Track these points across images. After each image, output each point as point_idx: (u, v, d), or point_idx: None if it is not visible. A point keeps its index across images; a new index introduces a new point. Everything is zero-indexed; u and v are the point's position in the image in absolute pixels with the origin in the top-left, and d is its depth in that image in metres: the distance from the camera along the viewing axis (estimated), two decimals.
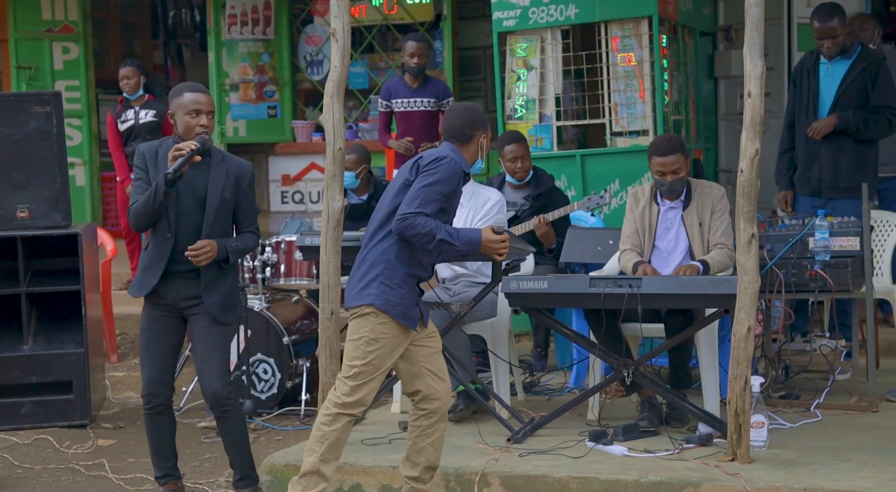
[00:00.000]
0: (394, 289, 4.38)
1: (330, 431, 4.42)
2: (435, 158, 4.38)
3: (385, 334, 4.37)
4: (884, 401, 5.82)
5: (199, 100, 4.78)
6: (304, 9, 9.71)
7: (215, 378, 4.78)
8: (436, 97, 7.78)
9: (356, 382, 4.39)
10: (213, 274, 4.82)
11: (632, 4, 7.13)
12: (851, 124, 6.36)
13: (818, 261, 5.68)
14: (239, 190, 4.85)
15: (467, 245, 4.38)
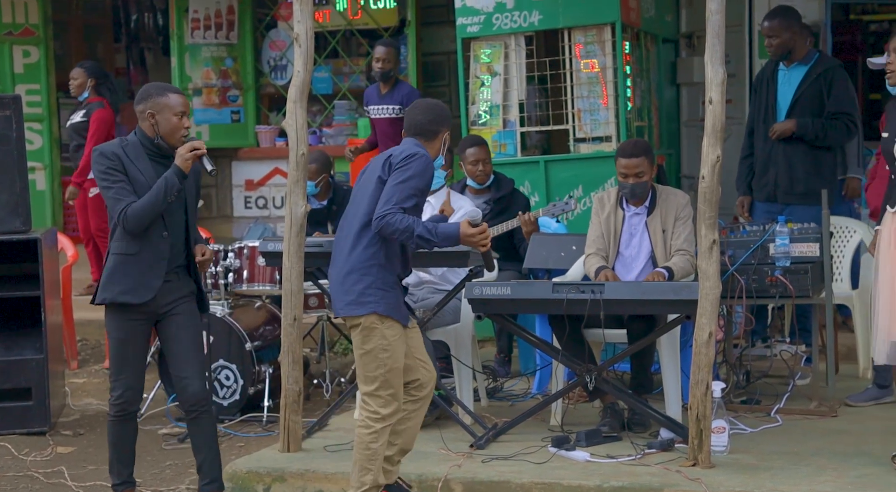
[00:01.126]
0: (389, 292, 4.45)
1: (379, 447, 4.46)
2: (407, 155, 4.41)
3: (394, 337, 4.45)
4: (843, 406, 5.86)
5: (183, 102, 4.81)
6: (267, 13, 9.68)
7: (197, 379, 4.78)
8: (400, 103, 7.81)
9: (387, 390, 4.44)
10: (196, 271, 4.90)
11: (595, 11, 7.16)
12: (810, 131, 6.42)
13: (778, 267, 5.73)
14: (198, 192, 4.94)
15: (446, 241, 4.40)
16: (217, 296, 6.51)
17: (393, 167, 4.41)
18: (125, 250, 4.72)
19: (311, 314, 6.79)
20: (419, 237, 4.32)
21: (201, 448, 4.86)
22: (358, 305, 4.41)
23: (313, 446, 5.55)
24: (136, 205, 4.64)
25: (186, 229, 4.82)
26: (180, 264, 4.81)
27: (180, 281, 4.82)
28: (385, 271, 4.44)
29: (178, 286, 4.81)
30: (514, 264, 6.63)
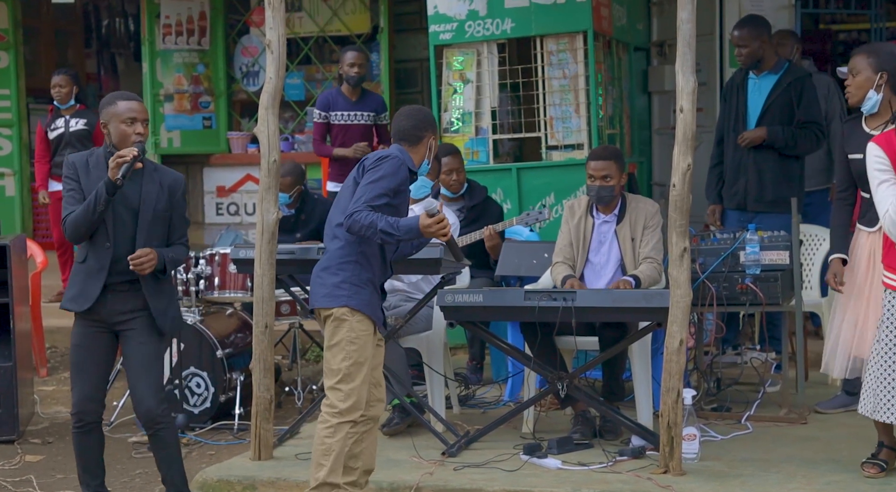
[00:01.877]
0: (363, 289, 4.48)
1: (334, 442, 4.43)
2: (379, 157, 4.47)
3: (364, 331, 4.45)
4: (813, 413, 5.90)
5: (134, 108, 4.72)
6: (240, 20, 9.65)
7: (149, 396, 4.71)
8: (374, 111, 7.80)
9: (348, 384, 4.43)
10: (153, 284, 4.76)
11: (567, 19, 7.18)
12: (780, 139, 6.46)
13: (749, 274, 5.76)
14: (172, 201, 4.80)
15: (408, 233, 4.40)
16: (188, 303, 6.48)
17: (366, 169, 4.49)
18: (78, 258, 4.79)
19: (282, 321, 6.76)
20: (382, 231, 4.34)
21: (163, 463, 4.83)
22: (330, 297, 4.46)
23: (285, 454, 5.53)
24: (72, 215, 4.64)
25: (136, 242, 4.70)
26: (129, 277, 4.71)
27: (130, 293, 4.73)
28: (360, 269, 4.48)
29: (130, 298, 4.72)
30: (486, 272, 6.63)
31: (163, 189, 4.76)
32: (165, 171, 4.88)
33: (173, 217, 4.81)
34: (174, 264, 4.86)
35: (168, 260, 4.76)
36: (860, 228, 4.99)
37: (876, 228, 4.85)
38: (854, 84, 4.90)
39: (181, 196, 4.86)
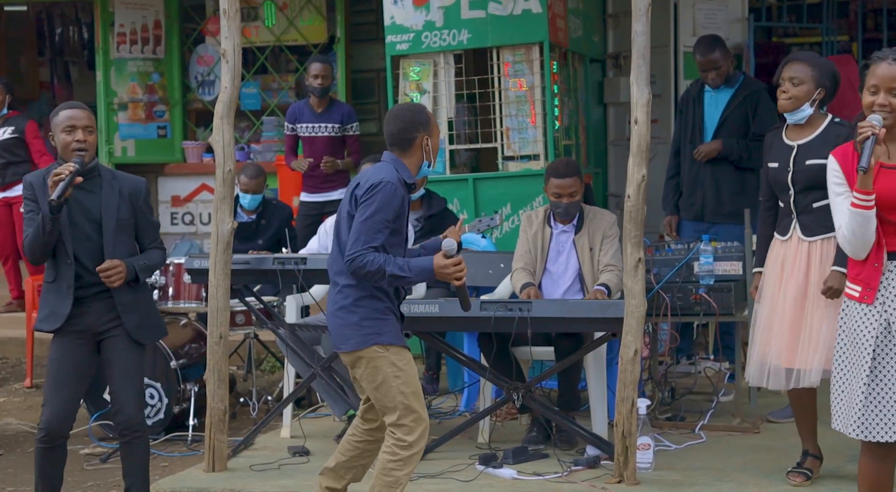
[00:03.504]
0: (385, 320, 4.25)
1: (402, 475, 4.22)
2: (370, 186, 4.18)
3: (403, 360, 4.24)
4: (765, 422, 5.95)
5: (74, 115, 4.62)
6: (195, 28, 9.61)
7: (131, 403, 4.65)
8: (340, 122, 7.79)
9: (409, 416, 4.20)
10: (127, 294, 4.69)
11: (523, 31, 7.21)
12: (735, 152, 6.53)
13: (703, 285, 5.80)
14: (135, 208, 4.73)
15: (420, 275, 4.21)
16: None
17: (358, 201, 4.21)
18: (46, 278, 4.70)
19: (237, 332, 6.73)
20: (391, 276, 4.13)
21: (131, 472, 4.76)
22: (356, 340, 4.23)
23: (239, 466, 5.49)
24: (27, 238, 4.57)
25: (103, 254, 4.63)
26: (104, 287, 4.64)
27: (107, 303, 4.66)
28: (377, 301, 4.24)
29: (109, 307, 4.66)
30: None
31: (123, 197, 4.69)
32: (124, 177, 4.81)
33: (140, 223, 4.75)
34: (149, 271, 4.79)
35: (140, 267, 4.70)
36: (775, 236, 5.01)
37: (787, 237, 4.91)
38: (794, 93, 4.85)
39: (144, 201, 4.78)
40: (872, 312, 3.76)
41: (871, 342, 3.74)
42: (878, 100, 3.71)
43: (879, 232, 3.75)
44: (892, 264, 3.75)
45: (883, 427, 3.71)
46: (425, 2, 7.32)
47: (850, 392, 3.79)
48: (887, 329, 3.74)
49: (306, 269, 5.69)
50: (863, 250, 3.76)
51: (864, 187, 3.66)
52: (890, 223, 3.74)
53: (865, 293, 3.77)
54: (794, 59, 4.99)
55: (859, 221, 3.69)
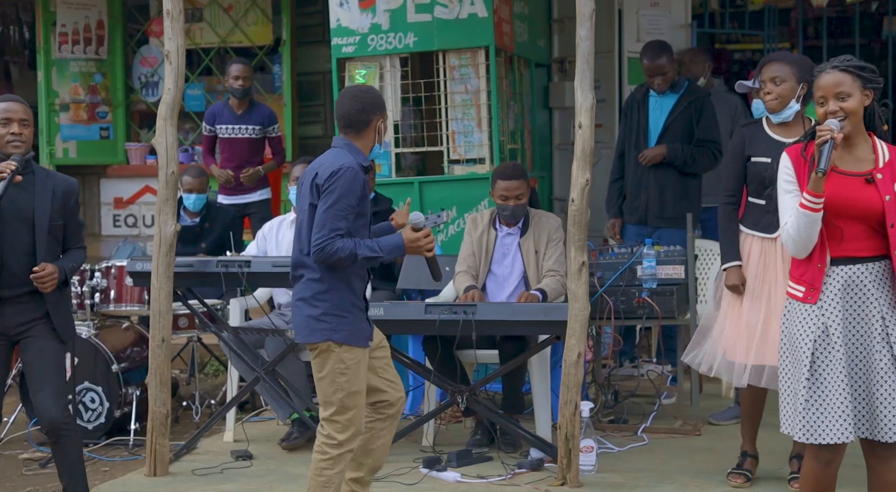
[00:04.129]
0: (346, 317, 4.23)
1: (334, 474, 4.22)
2: (330, 174, 4.17)
3: (353, 360, 4.22)
4: (707, 424, 6.02)
5: (9, 108, 4.59)
6: (139, 29, 9.51)
7: (52, 402, 4.59)
8: (261, 124, 7.76)
9: (344, 415, 4.21)
10: (55, 296, 4.64)
11: (469, 35, 7.23)
12: (679, 157, 6.59)
13: (646, 288, 5.85)
14: (66, 208, 4.68)
15: (392, 252, 4.24)
16: (82, 316, 6.35)
17: (321, 191, 4.19)
18: None
19: (180, 335, 6.67)
20: (364, 258, 4.16)
21: (65, 473, 4.71)
22: (312, 331, 4.23)
23: (181, 470, 5.45)
24: None
25: (35, 253, 4.58)
26: (29, 289, 4.58)
27: (31, 304, 4.61)
28: (339, 296, 4.22)
29: (29, 309, 4.61)
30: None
31: (56, 196, 4.65)
32: (58, 177, 4.77)
33: (69, 223, 4.71)
34: (74, 273, 4.77)
35: (68, 270, 4.67)
36: (752, 233, 4.96)
37: (775, 235, 4.81)
38: (779, 92, 4.86)
39: (75, 202, 4.75)
40: (812, 314, 3.81)
41: (809, 345, 3.80)
42: (828, 108, 3.78)
43: (823, 234, 3.81)
44: (834, 269, 3.81)
45: (825, 429, 3.76)
46: (371, 4, 7.32)
47: (794, 395, 3.84)
48: (825, 332, 3.79)
49: (250, 272, 5.66)
50: (804, 250, 3.83)
51: (816, 190, 3.72)
52: (836, 228, 3.80)
53: (809, 293, 3.83)
54: (770, 60, 5.01)
55: (805, 222, 3.75)
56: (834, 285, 3.80)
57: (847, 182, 3.78)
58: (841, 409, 3.75)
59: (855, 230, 3.79)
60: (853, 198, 3.76)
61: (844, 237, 3.80)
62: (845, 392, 3.75)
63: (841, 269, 3.81)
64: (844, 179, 3.79)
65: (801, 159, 3.86)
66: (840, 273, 3.81)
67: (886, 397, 3.75)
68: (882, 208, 3.75)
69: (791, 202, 3.84)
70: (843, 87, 3.79)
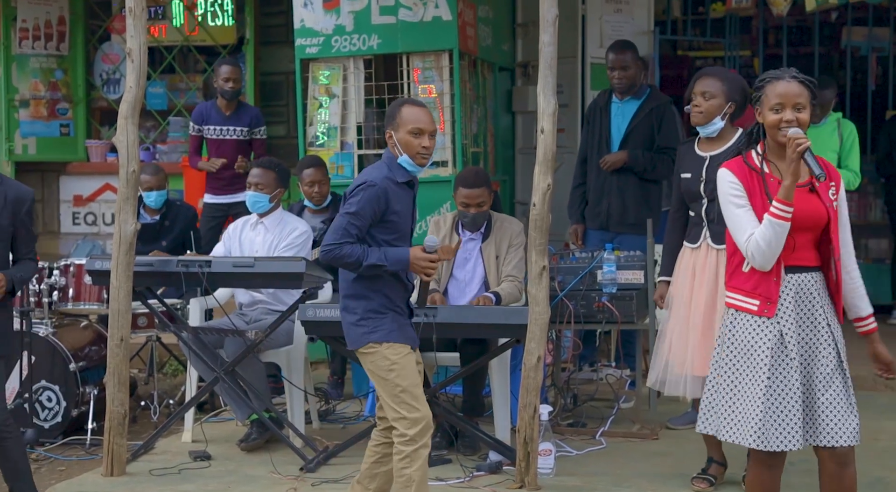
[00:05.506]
0: (383, 317, 4.26)
1: (413, 471, 4.18)
2: (355, 185, 4.27)
3: (397, 355, 4.24)
4: (664, 429, 6.06)
5: None
6: (101, 25, 9.44)
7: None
8: (248, 126, 7.74)
9: (408, 409, 4.19)
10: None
11: (433, 38, 7.24)
12: (640, 163, 6.64)
13: (605, 293, 5.89)
14: (17, 217, 4.61)
15: (395, 265, 4.24)
16: (40, 315, 6.30)
17: (346, 198, 4.28)
18: None
19: (139, 334, 6.63)
20: (368, 266, 4.19)
21: (11, 474, 4.67)
22: (354, 338, 4.29)
23: (138, 470, 5.42)
24: None
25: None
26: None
27: None
28: (371, 302, 4.26)
29: None
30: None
31: (6, 204, 4.58)
32: (11, 184, 4.71)
33: (19, 232, 4.64)
34: (23, 283, 4.71)
35: (17, 280, 4.61)
36: (685, 244, 5.11)
37: (697, 245, 5.02)
38: (706, 107, 4.97)
39: (27, 211, 4.67)
40: (767, 324, 3.85)
41: (767, 355, 3.83)
42: (784, 116, 3.81)
43: None
44: (786, 277, 3.86)
45: (780, 436, 3.81)
46: (335, 6, 7.32)
47: (746, 403, 3.87)
48: (781, 341, 3.84)
49: (210, 271, 5.64)
50: (770, 262, 3.83)
51: (788, 198, 3.75)
52: (789, 238, 3.84)
53: (765, 307, 3.86)
54: (705, 74, 5.09)
55: (777, 232, 3.77)
56: (787, 294, 3.86)
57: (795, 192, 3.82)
58: (793, 417, 3.80)
59: (804, 240, 3.85)
60: (803, 207, 3.81)
61: (795, 247, 3.85)
62: (798, 402, 3.81)
63: (793, 277, 3.86)
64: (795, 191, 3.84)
65: (747, 172, 3.88)
66: (792, 281, 3.86)
67: (828, 402, 3.81)
68: (828, 216, 3.82)
69: (746, 217, 3.84)
70: (801, 99, 3.84)
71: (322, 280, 5.75)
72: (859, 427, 3.85)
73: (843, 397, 3.82)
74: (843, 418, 3.81)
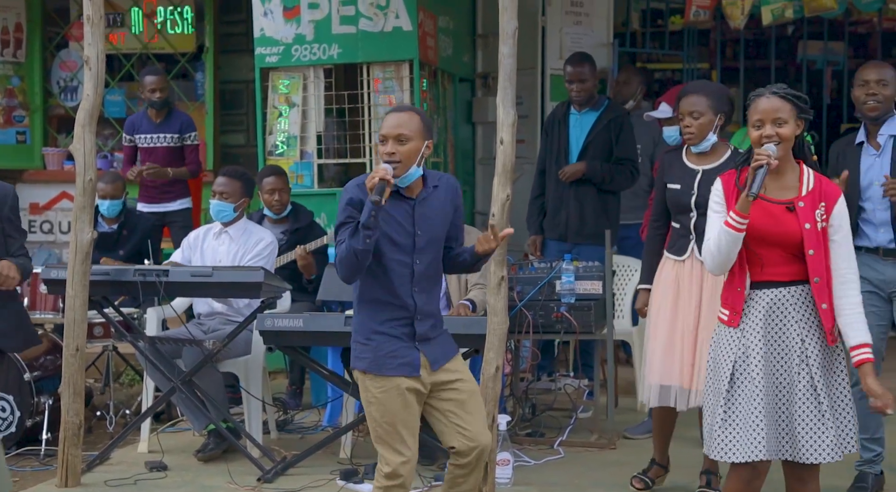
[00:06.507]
0: (367, 344, 3.96)
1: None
2: None
3: (378, 388, 3.92)
4: (622, 438, 6.09)
5: None
6: (58, 32, 9.37)
7: None
8: (178, 132, 7.72)
9: (381, 447, 3.94)
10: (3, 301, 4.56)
11: (393, 48, 7.26)
12: (598, 174, 6.67)
13: (564, 303, 5.91)
14: (1, 214, 4.59)
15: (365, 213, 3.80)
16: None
17: None
18: None
19: (95, 344, 6.57)
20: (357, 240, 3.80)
21: None
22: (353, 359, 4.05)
23: (93, 481, 5.37)
24: None
25: None
26: None
27: None
28: (361, 322, 4.00)
29: None
30: (307, 296, 6.61)
31: None
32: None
33: (6, 229, 4.61)
34: (28, 275, 4.67)
35: (24, 270, 4.59)
36: (667, 255, 5.15)
37: (683, 258, 5.06)
38: (698, 126, 4.98)
39: (11, 208, 4.66)
40: (735, 337, 3.90)
41: (729, 366, 3.87)
42: (764, 132, 3.86)
43: (744, 258, 3.89)
44: (757, 293, 3.90)
45: (739, 448, 3.84)
46: (296, 15, 7.32)
47: (712, 414, 3.92)
48: (745, 354, 3.87)
49: (168, 281, 5.60)
50: (720, 268, 3.90)
51: (743, 211, 3.79)
52: (755, 254, 3.88)
53: (732, 317, 3.91)
54: (689, 92, 5.09)
55: (727, 240, 3.82)
56: (757, 309, 3.89)
57: (771, 209, 3.87)
58: (755, 429, 3.82)
59: (774, 256, 3.88)
60: (774, 225, 3.85)
61: (764, 263, 3.88)
62: (761, 413, 3.83)
63: (764, 292, 3.89)
64: (769, 206, 3.88)
65: (731, 185, 3.95)
66: (763, 297, 3.89)
67: (804, 419, 3.83)
68: (801, 236, 3.84)
69: (717, 220, 3.92)
70: (781, 114, 3.87)
71: (280, 290, 5.73)
72: (835, 446, 3.81)
73: (813, 414, 3.82)
74: (816, 435, 3.82)
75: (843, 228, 3.87)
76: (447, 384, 4.02)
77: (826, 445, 3.82)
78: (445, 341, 4.10)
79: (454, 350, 4.13)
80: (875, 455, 5.12)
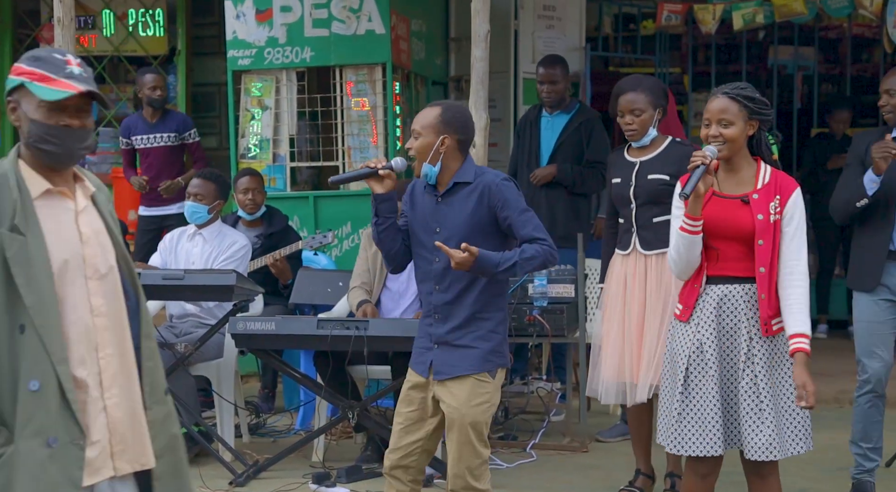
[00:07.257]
0: None
1: None
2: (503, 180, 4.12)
3: (406, 382, 4.09)
4: (594, 441, 6.11)
5: None
6: (29, 34, 9.31)
7: None
8: (176, 131, 7.70)
9: None
10: None
11: (366, 51, 7.26)
12: (569, 177, 6.70)
13: (537, 307, 5.92)
14: None
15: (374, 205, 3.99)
16: None
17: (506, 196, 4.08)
18: None
19: None
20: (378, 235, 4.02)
21: None
22: None
23: None
24: None
25: None
26: None
27: None
28: None
29: None
30: (280, 299, 6.60)
31: None
32: None
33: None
34: None
35: None
36: (616, 252, 5.15)
37: (627, 252, 5.07)
38: (640, 123, 5.01)
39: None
40: (689, 332, 3.93)
41: (684, 360, 3.91)
42: (710, 132, 3.89)
43: (703, 255, 3.93)
44: (710, 287, 3.93)
45: (694, 442, 3.87)
46: (268, 18, 7.30)
47: (668, 408, 3.95)
48: (700, 348, 3.90)
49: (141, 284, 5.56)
50: (685, 272, 3.94)
51: (692, 213, 3.83)
52: (712, 249, 3.91)
53: (684, 312, 3.95)
54: (626, 90, 5.09)
55: (684, 244, 3.87)
56: (709, 303, 3.92)
57: (726, 204, 3.91)
58: (711, 423, 3.86)
59: (731, 250, 3.91)
60: (729, 219, 3.89)
61: (720, 257, 3.92)
62: (716, 407, 3.86)
63: (716, 287, 3.92)
64: (723, 201, 3.92)
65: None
66: (715, 291, 3.92)
67: (747, 417, 3.87)
68: (754, 228, 3.87)
69: (675, 225, 3.96)
70: (727, 115, 3.90)
71: (253, 293, 5.72)
72: (774, 443, 3.81)
73: (755, 412, 3.85)
74: (755, 432, 3.85)
75: (795, 220, 3.88)
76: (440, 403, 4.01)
77: (762, 443, 3.83)
78: (464, 356, 3.95)
79: (468, 369, 3.94)
80: (875, 465, 5.06)
